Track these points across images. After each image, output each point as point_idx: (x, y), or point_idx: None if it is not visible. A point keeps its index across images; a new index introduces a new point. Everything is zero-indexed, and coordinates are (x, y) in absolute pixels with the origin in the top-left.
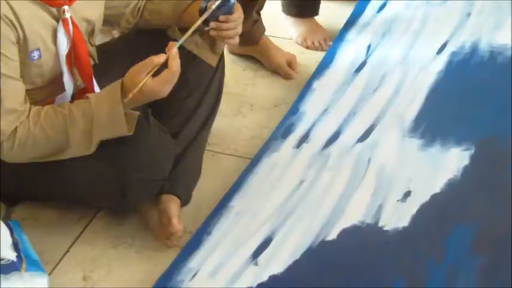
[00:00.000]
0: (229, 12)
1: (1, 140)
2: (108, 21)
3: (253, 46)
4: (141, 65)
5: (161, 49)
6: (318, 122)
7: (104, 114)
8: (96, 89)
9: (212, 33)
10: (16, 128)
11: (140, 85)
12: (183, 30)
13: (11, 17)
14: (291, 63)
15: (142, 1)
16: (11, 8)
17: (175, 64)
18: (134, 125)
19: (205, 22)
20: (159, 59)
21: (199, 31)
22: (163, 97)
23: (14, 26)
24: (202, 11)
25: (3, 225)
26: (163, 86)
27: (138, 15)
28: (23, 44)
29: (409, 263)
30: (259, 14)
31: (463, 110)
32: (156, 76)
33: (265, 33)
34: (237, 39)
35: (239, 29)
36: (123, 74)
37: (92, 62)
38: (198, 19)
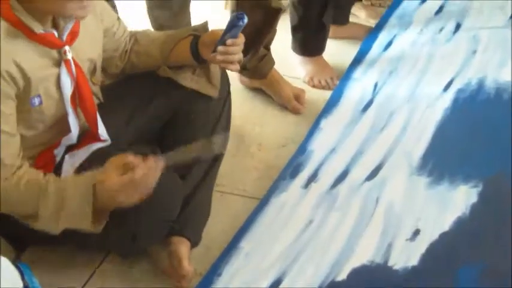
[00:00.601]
0: (236, 36)
1: None
2: None
3: (262, 80)
4: (115, 160)
5: (163, 87)
6: (326, 161)
7: (73, 206)
8: (101, 128)
9: (218, 57)
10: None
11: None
12: (173, 69)
13: (12, 69)
14: (299, 98)
15: (129, 44)
16: (10, 58)
17: (139, 172)
18: (104, 223)
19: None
20: (131, 159)
21: (191, 68)
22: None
23: (13, 79)
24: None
25: (13, 268)
26: (123, 188)
27: (126, 59)
28: (23, 93)
29: None
30: (268, 49)
31: (470, 147)
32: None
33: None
34: (237, 66)
35: (241, 54)
36: (128, 113)
37: (96, 101)
38: (186, 57)
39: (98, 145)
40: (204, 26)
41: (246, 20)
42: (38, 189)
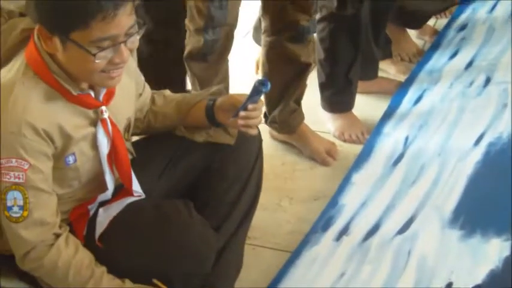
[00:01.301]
0: (257, 101)
1: (27, 249)
2: None
3: (291, 134)
4: None
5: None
6: (357, 214)
7: None
8: (136, 185)
9: (240, 122)
10: (47, 249)
11: None
12: (189, 129)
13: (50, 129)
14: (329, 151)
15: (148, 106)
16: (48, 118)
17: None
18: None
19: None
20: None
21: (205, 128)
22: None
23: (51, 139)
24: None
25: None
26: None
27: (145, 120)
28: (60, 152)
29: None
30: (298, 104)
31: (502, 200)
32: None
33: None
34: (257, 130)
35: (261, 118)
36: (160, 167)
37: (130, 157)
38: (201, 120)
39: (131, 199)
40: (220, 90)
41: (269, 86)
42: (90, 274)
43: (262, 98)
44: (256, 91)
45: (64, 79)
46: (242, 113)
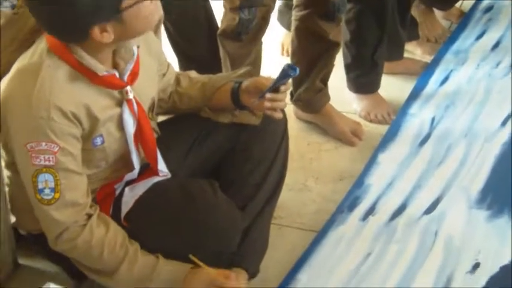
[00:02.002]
0: (285, 84)
1: (60, 230)
2: None
3: (316, 114)
4: (212, 278)
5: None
6: (383, 194)
7: (162, 281)
8: (161, 164)
9: (267, 104)
10: (80, 230)
11: None
12: (214, 110)
13: (78, 111)
14: (355, 131)
15: (173, 86)
16: (75, 100)
17: None
18: None
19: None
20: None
21: (231, 111)
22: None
23: (79, 120)
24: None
25: None
26: None
27: (170, 101)
28: (87, 133)
29: None
30: (325, 84)
31: None
32: None
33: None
34: (281, 114)
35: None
36: (186, 148)
37: (155, 135)
38: (226, 102)
39: (157, 179)
40: (245, 72)
41: (297, 71)
42: (123, 252)
43: (289, 80)
44: (284, 74)
45: (89, 61)
46: (268, 95)
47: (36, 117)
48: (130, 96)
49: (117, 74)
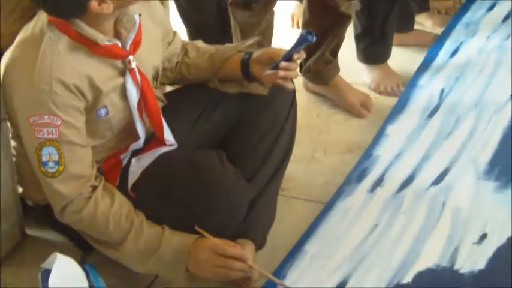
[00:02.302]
0: (299, 52)
1: (65, 203)
2: None
3: (325, 86)
4: (217, 246)
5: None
6: (391, 166)
7: (169, 252)
8: (168, 133)
9: (280, 73)
10: (85, 202)
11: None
12: (222, 81)
13: (80, 83)
14: (364, 103)
15: (180, 56)
16: (77, 72)
17: (236, 267)
18: (189, 283)
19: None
20: (233, 251)
21: (238, 80)
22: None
23: (81, 93)
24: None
25: (79, 269)
26: (214, 267)
27: (177, 70)
28: (91, 105)
29: None
30: (334, 56)
31: None
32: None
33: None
34: (292, 84)
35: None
36: (193, 118)
37: (161, 104)
38: (235, 73)
39: (164, 149)
40: (254, 43)
41: (315, 37)
42: (129, 224)
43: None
44: (302, 40)
45: (89, 31)
46: (283, 64)
47: (38, 90)
48: (133, 65)
49: (119, 44)
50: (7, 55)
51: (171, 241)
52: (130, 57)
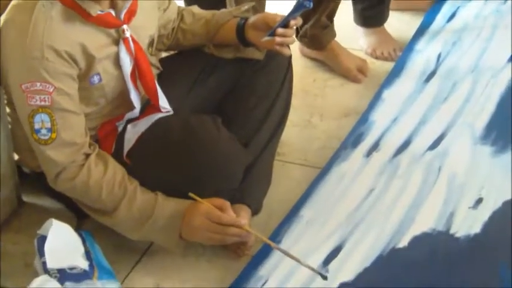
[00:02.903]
0: (296, 18)
1: (58, 170)
2: None
3: (321, 51)
4: (211, 213)
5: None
6: (387, 131)
7: (163, 218)
8: (162, 100)
9: (277, 39)
10: (78, 170)
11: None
12: (218, 47)
13: (73, 50)
14: (361, 68)
15: (175, 22)
16: (69, 39)
17: (230, 231)
18: (182, 249)
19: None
20: (228, 219)
21: (234, 46)
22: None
23: (74, 60)
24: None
25: (75, 235)
26: (207, 232)
27: (172, 36)
28: (83, 72)
29: (481, 269)
30: (331, 20)
31: None
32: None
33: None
34: (289, 50)
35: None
36: (189, 84)
37: (156, 71)
38: (231, 38)
39: (159, 115)
40: (250, 8)
41: (312, 4)
42: (122, 191)
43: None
44: (299, 6)
45: (83, 0)
46: (280, 30)
47: (30, 57)
48: (127, 34)
49: (113, 13)
50: (1, 20)
51: (165, 207)
52: (124, 27)
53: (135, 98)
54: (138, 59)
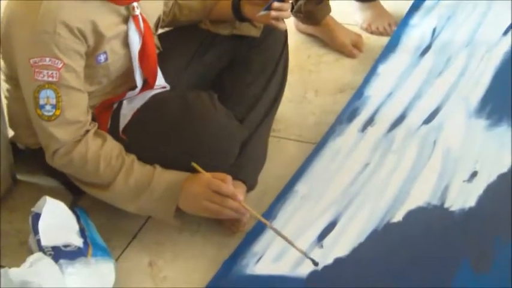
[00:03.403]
0: None
1: (58, 147)
2: None
3: (316, 26)
4: (211, 183)
5: (220, 35)
6: (383, 105)
7: (161, 187)
8: (159, 76)
9: (273, 14)
10: (76, 144)
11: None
12: (214, 23)
13: (84, 27)
14: (356, 43)
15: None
16: (82, 16)
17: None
18: (179, 222)
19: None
20: (227, 189)
21: (230, 21)
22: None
23: (84, 37)
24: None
25: (70, 212)
26: (207, 203)
27: (170, 13)
28: (91, 50)
29: (475, 243)
30: None
31: None
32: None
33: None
34: (285, 24)
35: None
36: (186, 60)
37: (157, 51)
38: (227, 14)
39: (155, 91)
40: None
41: None
42: (120, 163)
43: None
44: None
45: None
46: (276, 4)
47: (41, 31)
48: (137, 12)
49: None
50: None
51: (162, 177)
52: (135, 4)
53: (138, 77)
54: (146, 38)
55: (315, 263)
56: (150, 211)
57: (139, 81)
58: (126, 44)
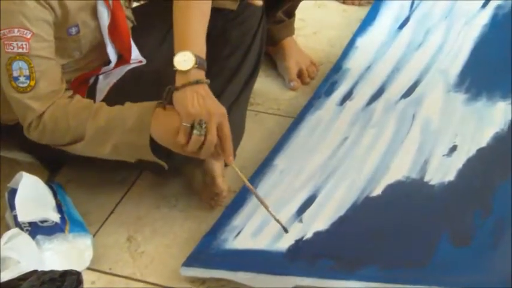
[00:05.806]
0: None
1: (34, 116)
2: None
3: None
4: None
5: None
6: (361, 79)
7: (133, 115)
8: (134, 51)
9: None
10: (45, 110)
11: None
12: None
13: None
14: (304, 73)
15: None
16: None
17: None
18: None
19: None
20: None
21: None
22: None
23: (51, 7)
24: None
25: (46, 187)
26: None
27: None
28: (61, 22)
29: (454, 217)
30: (289, 17)
31: (509, 64)
32: None
33: None
34: (260, 1)
35: None
36: (162, 34)
37: (130, 25)
38: None
39: (131, 65)
40: None
41: None
42: (87, 111)
43: None
44: None
45: None
46: None
47: (8, 2)
48: None
49: None
50: None
51: (132, 107)
52: None
53: (111, 51)
54: (115, 13)
55: (286, 230)
56: (126, 147)
57: (112, 56)
58: (96, 16)
